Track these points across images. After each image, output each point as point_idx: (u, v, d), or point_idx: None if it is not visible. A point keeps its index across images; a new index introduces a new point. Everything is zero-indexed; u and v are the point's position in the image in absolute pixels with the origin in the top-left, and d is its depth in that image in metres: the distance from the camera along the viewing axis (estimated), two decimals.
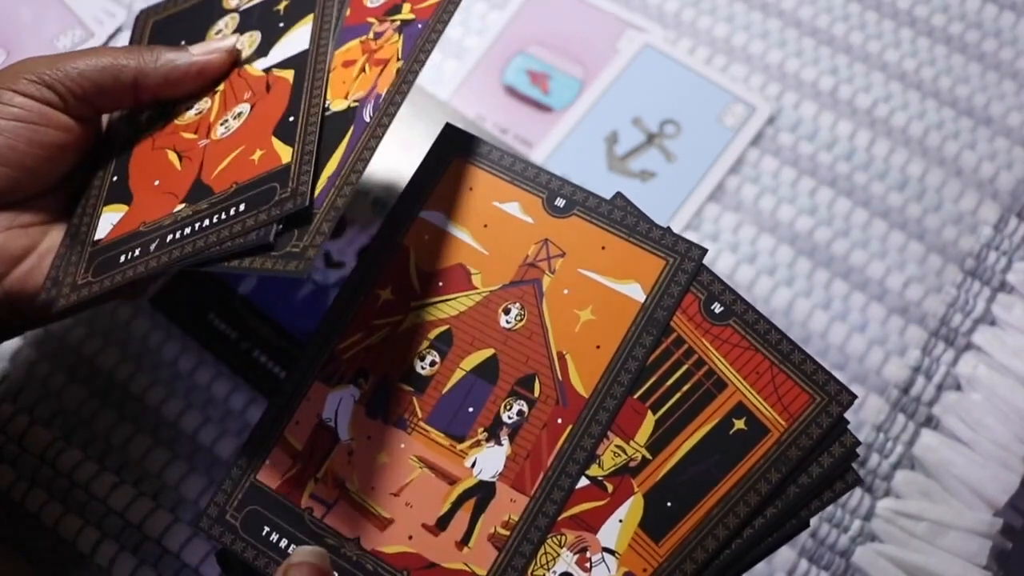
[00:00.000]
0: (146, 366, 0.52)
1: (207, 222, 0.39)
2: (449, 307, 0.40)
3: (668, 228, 0.40)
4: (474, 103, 0.58)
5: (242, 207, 0.39)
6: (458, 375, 0.39)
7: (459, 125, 0.43)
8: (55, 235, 0.43)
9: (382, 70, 0.40)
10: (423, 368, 0.40)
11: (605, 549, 0.36)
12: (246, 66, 0.45)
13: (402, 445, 0.39)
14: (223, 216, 0.39)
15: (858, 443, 0.36)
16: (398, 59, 0.40)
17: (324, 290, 0.53)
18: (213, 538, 0.38)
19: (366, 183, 0.55)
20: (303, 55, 0.43)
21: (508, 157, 0.42)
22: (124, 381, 0.51)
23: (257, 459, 0.39)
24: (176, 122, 0.44)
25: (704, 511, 0.36)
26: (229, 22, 0.47)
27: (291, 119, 0.41)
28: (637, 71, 0.58)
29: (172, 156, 0.43)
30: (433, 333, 0.40)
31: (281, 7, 0.46)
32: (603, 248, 0.40)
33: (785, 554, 0.48)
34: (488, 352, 0.39)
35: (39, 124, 0.41)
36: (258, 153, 0.40)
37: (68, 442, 0.50)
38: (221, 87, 0.45)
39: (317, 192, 0.38)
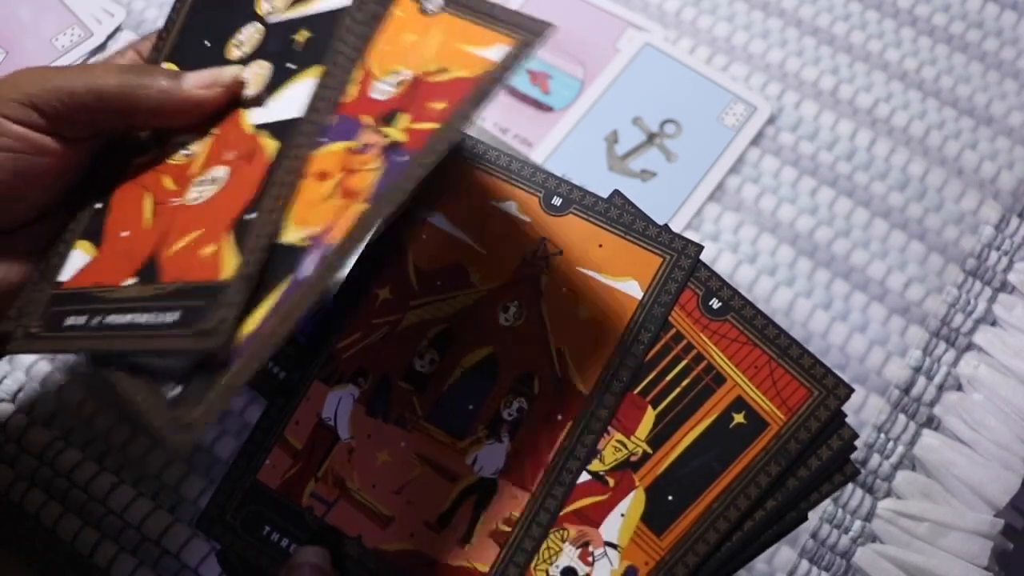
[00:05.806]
0: None
1: (141, 319, 0.34)
2: (448, 305, 0.40)
3: (665, 225, 0.40)
4: None
5: (176, 316, 0.33)
6: (458, 373, 0.39)
7: None
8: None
9: (346, 209, 0.34)
10: (422, 366, 0.40)
11: (607, 543, 0.36)
12: (243, 111, 0.39)
13: (402, 443, 0.39)
14: (154, 321, 0.34)
15: (856, 436, 0.36)
16: (365, 200, 0.33)
17: None
18: (213, 538, 0.38)
19: None
20: (292, 126, 0.37)
21: (505, 156, 0.42)
22: None
23: (257, 459, 0.39)
24: (167, 161, 0.39)
25: (705, 504, 0.36)
26: (254, 34, 0.41)
27: (248, 217, 0.35)
28: (637, 71, 0.58)
29: (147, 205, 0.38)
30: (432, 332, 0.40)
31: (300, 38, 0.40)
32: (600, 246, 0.40)
33: (786, 555, 0.47)
34: (487, 350, 0.39)
35: (25, 152, 0.37)
36: (209, 249, 0.35)
37: (67, 442, 0.50)
38: (216, 130, 0.39)
39: (241, 341, 0.32)
